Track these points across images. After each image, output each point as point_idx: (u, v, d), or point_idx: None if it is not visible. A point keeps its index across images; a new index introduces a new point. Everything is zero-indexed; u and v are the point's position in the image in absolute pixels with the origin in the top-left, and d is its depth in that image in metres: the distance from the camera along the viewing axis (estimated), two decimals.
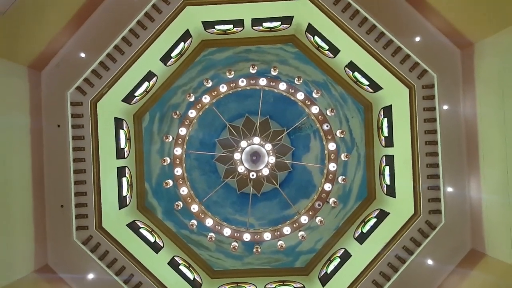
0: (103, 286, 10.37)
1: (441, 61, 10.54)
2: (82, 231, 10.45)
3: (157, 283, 10.70)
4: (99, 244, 10.54)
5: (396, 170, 11.82)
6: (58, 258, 10.30)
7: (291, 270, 13.38)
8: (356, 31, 10.53)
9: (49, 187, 10.45)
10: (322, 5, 10.47)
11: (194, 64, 13.26)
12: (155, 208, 13.38)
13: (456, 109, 10.53)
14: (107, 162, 11.09)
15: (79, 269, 10.29)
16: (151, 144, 13.36)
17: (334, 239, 13.30)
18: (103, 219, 10.75)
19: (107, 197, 11.09)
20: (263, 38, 13.11)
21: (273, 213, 13.82)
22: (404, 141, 11.05)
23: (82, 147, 10.49)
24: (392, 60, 10.58)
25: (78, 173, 10.48)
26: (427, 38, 10.54)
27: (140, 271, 10.64)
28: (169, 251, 12.57)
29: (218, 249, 13.46)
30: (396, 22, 10.54)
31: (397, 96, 11.33)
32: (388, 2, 10.63)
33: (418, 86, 10.61)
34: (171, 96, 13.35)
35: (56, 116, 10.39)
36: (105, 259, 10.50)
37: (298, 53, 13.35)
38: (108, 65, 10.47)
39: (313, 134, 13.75)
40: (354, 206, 13.46)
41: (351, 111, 13.49)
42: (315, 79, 13.48)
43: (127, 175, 12.38)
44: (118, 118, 12.02)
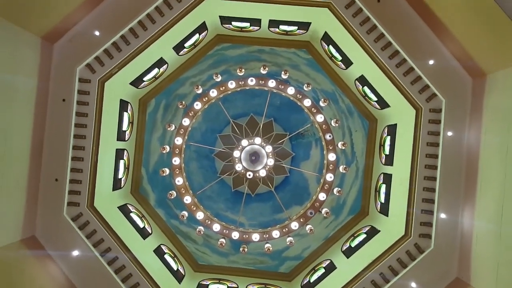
0: (87, 264, 10.36)
1: (451, 87, 10.52)
2: (73, 207, 10.46)
3: (140, 268, 10.70)
4: (88, 222, 10.55)
5: (392, 189, 11.81)
6: (45, 231, 10.31)
7: (274, 274, 13.38)
8: (371, 45, 10.51)
9: (46, 159, 10.45)
10: (341, 15, 10.46)
11: (206, 57, 13.26)
12: (148, 195, 13.39)
13: (460, 137, 10.50)
14: (107, 142, 11.10)
15: (65, 245, 10.30)
16: (153, 131, 13.38)
17: (322, 249, 13.29)
18: (96, 198, 10.77)
19: (103, 177, 11.10)
20: (278, 40, 13.10)
21: (264, 215, 13.82)
22: (404, 162, 11.04)
23: (84, 124, 10.50)
24: (403, 79, 10.56)
25: (77, 149, 10.49)
26: (440, 62, 10.52)
27: (125, 254, 10.64)
28: (157, 239, 12.58)
29: (205, 243, 13.47)
30: (413, 42, 10.51)
31: (404, 116, 11.32)
32: (407, 21, 10.60)
33: (425, 109, 10.60)
34: (179, 86, 13.36)
35: (62, 90, 10.39)
36: (92, 238, 10.51)
37: (310, 60, 13.34)
38: (121, 47, 10.47)
39: (315, 142, 13.75)
40: (346, 219, 13.45)
41: (356, 125, 13.48)
42: (324, 88, 13.47)
43: (125, 158, 12.39)
44: (124, 101, 12.03)
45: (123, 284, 10.43)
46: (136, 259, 10.76)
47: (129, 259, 10.65)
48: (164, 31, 10.61)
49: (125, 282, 10.53)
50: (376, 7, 10.49)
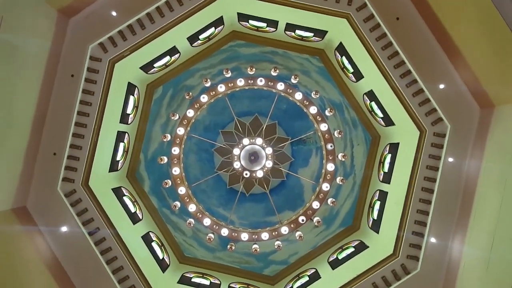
0: (73, 242, 10.35)
1: (459, 113, 10.51)
2: (68, 183, 10.45)
3: (126, 252, 10.69)
4: (80, 200, 10.54)
5: (386, 207, 11.80)
6: (37, 204, 10.29)
7: (258, 275, 13.37)
8: (384, 62, 10.51)
9: (47, 132, 10.43)
10: (358, 28, 10.46)
11: (219, 51, 13.26)
12: (144, 180, 13.39)
13: (461, 164, 10.50)
14: (109, 123, 11.10)
15: (54, 220, 10.29)
16: (157, 118, 13.37)
17: (308, 257, 13.30)
18: (91, 177, 10.76)
19: (101, 157, 11.09)
20: (293, 44, 13.10)
21: (256, 216, 13.82)
22: (401, 182, 11.03)
23: (89, 102, 10.49)
24: (412, 100, 10.55)
25: (79, 126, 10.47)
26: (451, 88, 10.52)
27: (112, 236, 10.63)
28: (146, 225, 12.58)
29: (193, 236, 13.48)
30: (426, 64, 10.51)
31: (407, 136, 11.31)
32: (423, 42, 10.60)
33: (430, 132, 10.59)
34: (188, 76, 13.36)
35: (72, 65, 10.37)
36: (82, 216, 10.49)
37: (322, 68, 13.33)
38: (136, 30, 10.46)
39: (316, 150, 13.75)
40: (337, 230, 13.45)
41: (358, 139, 13.48)
42: (332, 97, 13.47)
43: (125, 141, 12.39)
44: (132, 84, 12.03)
45: (107, 266, 10.42)
46: (123, 242, 10.76)
47: (116, 242, 10.64)
48: (180, 20, 10.60)
49: (110, 264, 10.52)
50: (394, 24, 10.49)
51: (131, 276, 10.63)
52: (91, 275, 10.37)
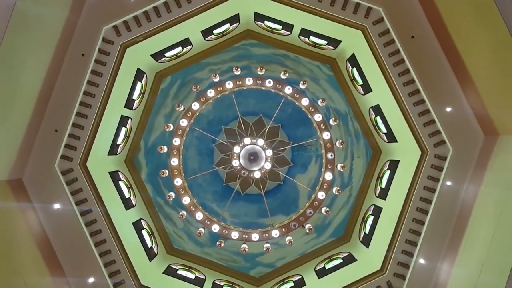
0: (64, 220, 10.36)
1: (462, 138, 10.49)
2: (66, 161, 10.46)
3: (115, 237, 10.70)
4: (76, 179, 10.55)
5: (379, 222, 11.79)
6: (33, 178, 10.29)
7: (244, 275, 13.36)
8: (394, 78, 10.51)
9: (51, 108, 10.45)
10: (372, 42, 10.47)
11: (231, 48, 13.26)
12: (141, 167, 13.39)
13: (458, 188, 10.48)
14: (114, 106, 11.11)
15: (48, 196, 10.30)
16: (162, 107, 13.37)
17: (296, 264, 13.28)
18: (89, 158, 10.77)
19: (101, 139, 11.10)
20: (305, 50, 13.11)
21: (248, 216, 13.81)
22: (397, 199, 11.02)
23: (97, 83, 10.51)
24: (417, 119, 10.55)
25: (84, 106, 10.49)
26: (457, 111, 10.50)
27: (104, 219, 10.64)
28: (138, 213, 12.58)
29: (184, 228, 13.48)
30: (435, 85, 10.50)
31: (408, 155, 11.30)
32: (435, 63, 10.59)
33: (431, 153, 10.58)
34: (198, 69, 13.35)
35: (84, 45, 10.38)
36: (76, 196, 10.50)
37: (331, 77, 13.34)
38: (151, 17, 10.45)
39: (315, 158, 13.75)
40: (327, 240, 13.44)
41: (359, 152, 13.47)
42: (338, 107, 13.47)
43: (127, 126, 12.39)
44: (141, 70, 12.03)
45: (95, 248, 10.44)
46: (113, 226, 10.76)
47: (107, 225, 10.65)
48: (196, 13, 10.61)
49: (98, 246, 10.54)
50: (409, 42, 10.48)
51: (117, 261, 10.65)
52: (78, 255, 10.38)
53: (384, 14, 10.28)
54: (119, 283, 10.57)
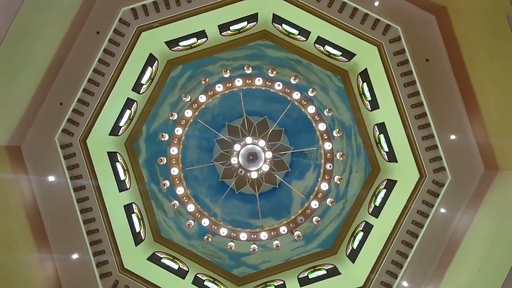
0: (56, 194, 10.37)
1: (462, 168, 10.45)
2: (66, 135, 10.48)
3: (105, 217, 10.69)
4: (74, 155, 10.56)
5: (368, 239, 11.77)
6: (31, 148, 10.31)
7: (227, 273, 13.35)
8: (403, 99, 10.51)
9: (59, 80, 10.46)
10: (386, 59, 10.47)
11: (245, 46, 13.26)
12: (140, 152, 13.40)
13: (451, 217, 10.45)
14: (121, 88, 11.12)
15: (44, 167, 10.31)
16: (169, 95, 13.38)
17: (280, 268, 13.28)
18: (90, 135, 10.79)
19: (105, 118, 11.10)
20: (319, 58, 13.10)
21: (240, 215, 13.81)
22: (389, 219, 11.00)
23: (108, 62, 10.52)
24: (420, 143, 10.53)
25: (92, 83, 10.51)
26: (461, 141, 10.47)
27: (96, 198, 10.64)
28: (131, 196, 12.60)
29: (174, 218, 13.48)
30: (443, 111, 10.49)
31: (406, 176, 11.29)
32: (445, 89, 10.58)
33: (429, 178, 10.56)
34: (210, 63, 13.35)
35: (101, 23, 10.35)
36: (72, 171, 10.50)
37: (341, 89, 13.32)
38: (171, 5, 10.42)
39: (314, 166, 13.73)
40: (314, 250, 13.44)
41: (358, 166, 13.46)
42: (343, 120, 13.45)
43: (132, 109, 12.41)
44: (153, 56, 12.04)
45: (83, 226, 10.43)
46: (105, 206, 10.77)
47: (98, 204, 10.66)
48: (216, 7, 10.61)
49: (86, 224, 10.54)
50: (423, 64, 10.48)
51: (103, 241, 10.65)
52: (65, 230, 10.39)
53: (402, 33, 10.26)
54: (102, 262, 10.57)
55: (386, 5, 10.46)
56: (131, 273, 10.77)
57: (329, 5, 10.41)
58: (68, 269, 10.34)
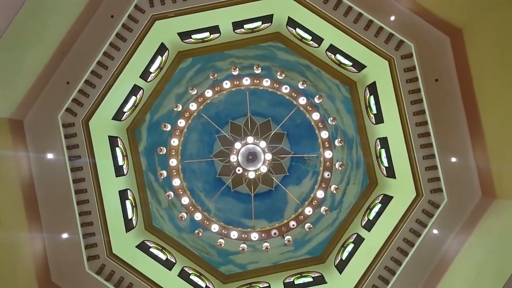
0: (53, 171, 10.39)
1: (460, 192, 10.44)
2: (69, 115, 10.48)
3: (99, 200, 10.65)
4: (75, 135, 10.56)
5: (357, 252, 11.74)
6: (33, 123, 10.33)
7: (213, 269, 13.35)
8: (408, 116, 10.48)
9: (68, 59, 10.52)
10: (396, 75, 10.46)
11: (257, 46, 13.25)
12: (141, 140, 13.40)
13: (443, 239, 10.43)
14: (130, 73, 11.12)
15: (44, 144, 10.35)
16: (176, 86, 13.37)
17: (266, 271, 13.28)
18: (93, 117, 10.80)
19: (109, 102, 11.11)
20: (328, 66, 13.08)
21: (232, 213, 13.80)
22: (381, 234, 10.98)
23: (119, 47, 10.53)
24: (421, 162, 10.50)
25: (100, 66, 10.52)
26: (461, 165, 10.46)
27: (92, 179, 10.62)
28: (127, 182, 12.60)
29: (167, 209, 13.49)
30: (447, 133, 10.49)
31: (403, 193, 11.27)
32: (451, 111, 10.57)
33: (426, 198, 10.54)
34: (220, 59, 13.35)
35: (116, 7, 10.40)
36: (71, 151, 10.49)
37: (348, 99, 13.31)
38: None
39: (312, 173, 13.71)
40: (303, 256, 13.43)
41: (356, 179, 13.44)
42: (346, 130, 13.44)
43: (137, 96, 12.42)
44: (164, 45, 12.03)
45: (77, 206, 10.43)
46: (100, 189, 10.76)
47: (94, 186, 10.64)
48: (233, 3, 10.60)
49: (79, 205, 10.54)
50: (432, 84, 10.47)
51: (95, 224, 10.65)
52: (58, 209, 10.40)
53: (414, 50, 10.25)
54: (91, 245, 10.57)
55: (402, 20, 10.46)
56: (118, 258, 10.77)
57: (345, 14, 10.40)
58: (56, 247, 10.36)
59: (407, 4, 10.48)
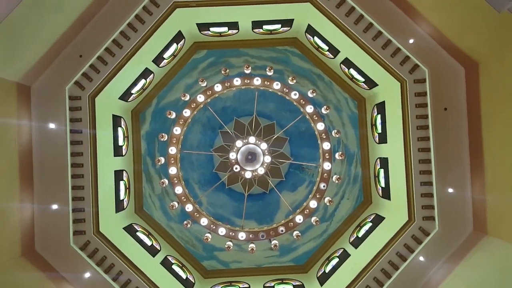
0: (53, 141, 10.40)
1: (452, 223, 10.46)
2: (77, 88, 10.46)
3: (93, 176, 10.61)
4: (80, 108, 10.51)
5: (341, 267, 11.74)
6: (40, 91, 10.34)
7: (196, 262, 13.36)
8: (412, 140, 10.50)
9: (84, 34, 10.60)
10: (406, 98, 10.47)
11: (273, 49, 13.28)
12: (144, 123, 13.40)
13: (428, 267, 10.43)
14: (143, 56, 11.12)
15: (48, 111, 10.38)
16: (187, 76, 13.37)
17: (248, 272, 13.28)
18: (100, 94, 10.78)
19: (119, 81, 11.10)
20: (341, 79, 13.11)
21: (224, 209, 13.79)
22: (367, 253, 10.98)
23: (136, 28, 10.49)
24: (418, 188, 10.51)
25: (115, 44, 10.52)
26: (458, 197, 10.51)
27: (90, 155, 10.56)
28: (124, 163, 12.61)
29: (160, 196, 13.49)
30: (448, 163, 10.55)
31: (395, 216, 11.26)
32: (456, 141, 10.59)
33: (417, 224, 10.54)
34: (234, 55, 13.34)
35: None
36: (73, 124, 10.45)
37: (355, 115, 13.33)
38: None
39: (308, 182, 13.70)
40: (286, 263, 13.43)
41: (351, 195, 13.43)
42: (349, 145, 13.44)
43: (147, 80, 12.42)
44: (181, 34, 12.02)
45: (71, 180, 10.41)
46: (96, 166, 10.70)
47: (90, 162, 10.57)
48: (256, 2, 10.59)
49: (74, 178, 10.49)
50: (440, 112, 10.50)
51: (86, 199, 10.60)
52: (51, 179, 10.40)
53: (428, 76, 10.26)
54: (79, 220, 10.54)
55: (421, 45, 10.47)
56: (104, 237, 10.76)
57: (364, 30, 10.41)
58: (45, 217, 10.37)
59: (428, 30, 10.49)
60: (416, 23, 10.58)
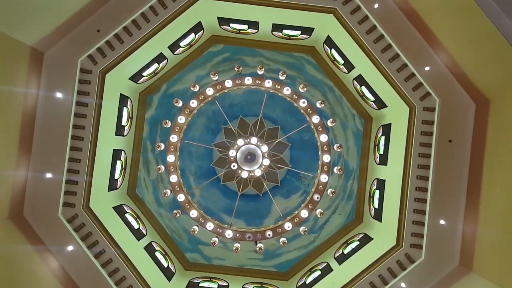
0: (57, 110, 10.35)
1: (438, 254, 10.38)
2: (90, 62, 10.42)
3: (92, 149, 10.56)
4: (89, 82, 10.43)
5: (322, 281, 11.71)
6: (53, 59, 10.18)
7: (179, 253, 13.35)
8: (412, 167, 10.47)
9: (106, 9, 10.51)
10: (413, 124, 10.46)
11: (289, 54, 13.28)
12: (150, 107, 13.41)
13: None
14: (159, 42, 11.12)
15: (57, 81, 10.24)
16: (200, 67, 13.37)
17: (229, 271, 13.26)
18: (111, 71, 10.77)
19: (131, 62, 11.10)
20: (351, 95, 13.13)
21: (215, 205, 13.78)
22: (349, 272, 10.92)
23: (157, 12, 10.42)
24: (410, 214, 10.47)
25: (134, 24, 10.47)
26: (448, 229, 10.45)
27: (92, 129, 10.45)
28: (124, 144, 12.61)
29: (154, 181, 13.50)
30: (444, 195, 10.49)
31: (383, 238, 11.24)
32: (456, 174, 10.54)
33: (403, 250, 10.52)
34: (249, 55, 13.33)
35: None
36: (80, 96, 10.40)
37: (359, 133, 13.33)
38: None
39: (302, 192, 13.70)
40: (268, 268, 13.42)
41: (344, 210, 13.42)
42: (349, 161, 13.44)
43: (160, 65, 12.42)
44: (201, 25, 12.02)
45: (69, 151, 10.39)
46: (96, 141, 10.65)
47: (91, 136, 10.53)
48: (280, 6, 10.56)
49: (72, 150, 10.46)
50: (444, 143, 10.46)
51: (80, 172, 10.53)
52: (50, 148, 10.28)
53: (438, 106, 10.25)
54: (70, 192, 10.50)
55: (436, 74, 10.45)
56: (92, 213, 10.73)
57: (383, 51, 10.40)
58: (37, 184, 10.33)
59: (446, 61, 10.47)
60: (434, 51, 10.55)
